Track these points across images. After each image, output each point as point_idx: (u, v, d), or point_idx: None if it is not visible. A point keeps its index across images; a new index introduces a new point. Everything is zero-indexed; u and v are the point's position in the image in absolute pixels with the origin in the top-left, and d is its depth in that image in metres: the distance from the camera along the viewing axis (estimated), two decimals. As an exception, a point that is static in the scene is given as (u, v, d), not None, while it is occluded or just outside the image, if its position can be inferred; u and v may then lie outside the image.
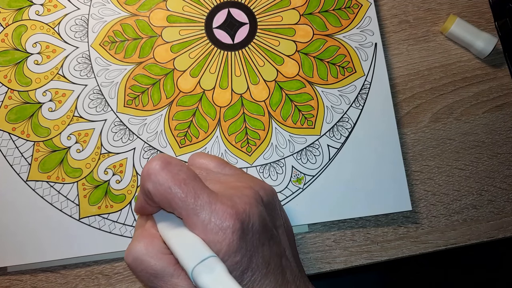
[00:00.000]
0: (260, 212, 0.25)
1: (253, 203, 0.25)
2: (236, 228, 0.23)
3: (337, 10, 0.40)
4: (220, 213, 0.23)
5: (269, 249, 0.25)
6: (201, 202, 0.23)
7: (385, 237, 0.37)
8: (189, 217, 0.23)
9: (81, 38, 0.38)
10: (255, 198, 0.26)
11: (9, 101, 0.37)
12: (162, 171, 0.24)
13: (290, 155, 0.37)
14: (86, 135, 0.36)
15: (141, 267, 0.24)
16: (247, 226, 0.24)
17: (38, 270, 0.35)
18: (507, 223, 0.37)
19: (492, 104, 0.40)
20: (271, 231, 0.26)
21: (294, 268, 0.27)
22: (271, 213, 0.27)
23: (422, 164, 0.38)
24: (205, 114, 0.37)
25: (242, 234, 0.23)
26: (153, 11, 0.39)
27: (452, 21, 0.39)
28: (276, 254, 0.25)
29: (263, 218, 0.25)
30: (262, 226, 0.25)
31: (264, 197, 0.27)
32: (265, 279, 0.24)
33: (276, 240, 0.26)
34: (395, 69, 0.40)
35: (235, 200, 0.24)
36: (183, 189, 0.23)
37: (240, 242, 0.23)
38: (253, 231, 0.24)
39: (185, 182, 0.24)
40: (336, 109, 0.38)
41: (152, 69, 0.38)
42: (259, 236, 0.24)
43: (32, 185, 0.36)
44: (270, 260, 0.25)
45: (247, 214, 0.24)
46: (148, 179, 0.24)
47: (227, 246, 0.23)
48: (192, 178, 0.24)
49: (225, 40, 0.39)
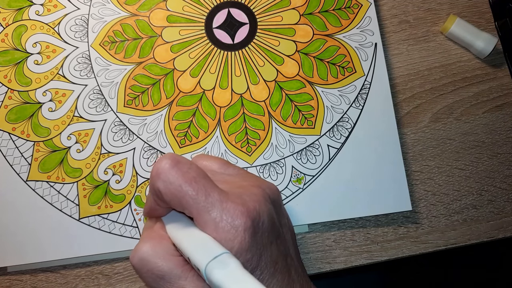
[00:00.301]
0: (269, 210, 0.25)
1: (262, 201, 0.25)
2: (248, 226, 0.23)
3: (337, 10, 0.40)
4: (231, 211, 0.23)
5: (276, 248, 0.25)
6: (212, 200, 0.23)
7: (385, 237, 0.37)
8: (200, 215, 0.23)
9: (81, 38, 0.38)
10: (263, 196, 0.25)
11: (9, 101, 0.37)
12: (172, 169, 0.23)
13: (290, 155, 0.37)
14: (86, 135, 0.36)
15: (147, 268, 0.24)
16: (257, 224, 0.24)
17: (38, 270, 0.35)
18: (507, 223, 0.37)
19: (492, 104, 0.40)
20: (278, 229, 0.26)
21: (297, 267, 0.27)
22: (277, 211, 0.27)
23: (422, 164, 0.38)
24: (205, 114, 0.37)
25: (253, 232, 0.23)
26: (153, 11, 0.39)
27: (452, 21, 0.39)
28: (282, 253, 0.25)
29: (271, 217, 0.25)
30: (271, 224, 0.25)
31: (271, 195, 0.27)
32: (272, 278, 0.24)
33: (283, 238, 0.26)
34: (395, 69, 0.40)
35: (245, 198, 0.24)
36: (194, 187, 0.23)
37: (252, 240, 0.23)
38: (263, 229, 0.24)
39: (195, 180, 0.23)
40: (336, 109, 0.38)
41: (152, 69, 0.38)
42: (268, 234, 0.24)
43: (32, 185, 0.36)
44: (278, 259, 0.25)
45: (258, 212, 0.24)
46: (158, 178, 0.24)
47: (239, 244, 0.23)
48: (202, 176, 0.24)
49: (225, 40, 0.39)
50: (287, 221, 0.29)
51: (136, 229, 0.35)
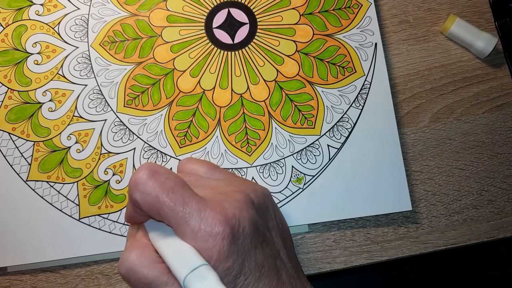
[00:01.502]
0: (251, 215, 0.25)
1: (243, 207, 0.25)
2: (226, 234, 0.23)
3: (337, 10, 0.40)
4: (209, 220, 0.23)
5: (262, 252, 0.25)
6: (190, 210, 0.23)
7: (385, 237, 0.37)
8: (179, 225, 0.23)
9: (81, 38, 0.38)
10: (245, 202, 0.25)
11: (9, 101, 0.37)
12: (150, 180, 0.23)
13: (290, 155, 0.37)
14: (86, 135, 0.36)
15: (135, 277, 0.24)
16: (237, 231, 0.24)
17: (38, 270, 0.35)
18: (507, 223, 0.37)
19: (492, 104, 0.40)
20: (263, 233, 0.26)
21: (289, 268, 0.27)
22: (263, 216, 0.27)
23: (422, 164, 0.38)
24: (205, 114, 0.37)
25: (232, 239, 0.23)
26: (153, 11, 0.39)
27: (452, 21, 0.39)
28: (269, 256, 0.25)
29: (254, 222, 0.25)
30: (254, 229, 0.25)
31: (255, 200, 0.27)
32: (259, 282, 0.24)
33: (269, 242, 0.26)
34: (395, 69, 0.40)
35: (225, 205, 0.24)
36: (171, 198, 0.23)
37: (231, 247, 0.23)
38: (244, 235, 0.24)
39: (173, 191, 0.23)
40: (336, 109, 0.38)
41: (152, 69, 0.38)
42: (251, 239, 0.24)
43: (32, 185, 0.36)
44: (264, 262, 0.25)
45: (237, 219, 0.24)
46: (135, 189, 0.24)
47: (217, 252, 0.23)
48: (180, 186, 0.24)
49: (225, 40, 0.39)
50: (277, 223, 0.29)
51: (136, 229, 0.35)
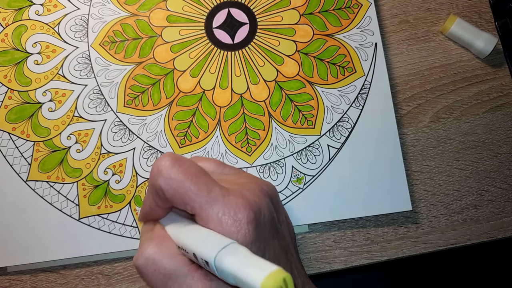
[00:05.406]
0: (268, 204, 0.25)
1: (261, 196, 0.25)
2: (251, 219, 0.23)
3: (337, 10, 0.40)
4: (233, 205, 0.23)
5: (278, 243, 0.25)
6: (214, 195, 0.23)
7: (385, 237, 0.37)
8: (203, 210, 0.23)
9: (81, 38, 0.38)
10: (261, 191, 0.26)
11: (9, 101, 0.37)
12: (173, 166, 0.23)
13: (290, 155, 0.37)
14: (86, 135, 0.36)
15: (154, 267, 0.23)
16: (259, 217, 0.24)
17: (38, 270, 0.35)
18: (507, 223, 0.37)
19: (492, 104, 0.40)
20: (277, 225, 0.26)
21: (297, 263, 0.27)
22: (275, 208, 0.27)
23: (422, 164, 0.38)
24: (205, 114, 0.37)
25: (256, 224, 0.23)
26: (153, 11, 0.39)
27: (452, 21, 0.39)
28: (283, 248, 0.26)
29: (271, 211, 0.25)
30: (271, 218, 0.25)
31: (269, 192, 0.27)
32: None
33: (282, 235, 0.26)
34: (395, 69, 0.40)
35: (245, 193, 0.24)
36: (196, 183, 0.23)
37: (255, 232, 0.23)
38: (265, 222, 0.24)
39: (197, 176, 0.23)
40: (336, 109, 0.38)
41: (152, 69, 0.38)
42: (269, 228, 0.24)
43: (32, 185, 0.36)
44: (280, 254, 0.25)
45: (258, 205, 0.24)
46: (159, 175, 0.23)
47: (243, 236, 0.22)
48: (202, 173, 0.24)
49: (225, 40, 0.39)
50: (285, 218, 0.29)
51: (136, 229, 0.35)
